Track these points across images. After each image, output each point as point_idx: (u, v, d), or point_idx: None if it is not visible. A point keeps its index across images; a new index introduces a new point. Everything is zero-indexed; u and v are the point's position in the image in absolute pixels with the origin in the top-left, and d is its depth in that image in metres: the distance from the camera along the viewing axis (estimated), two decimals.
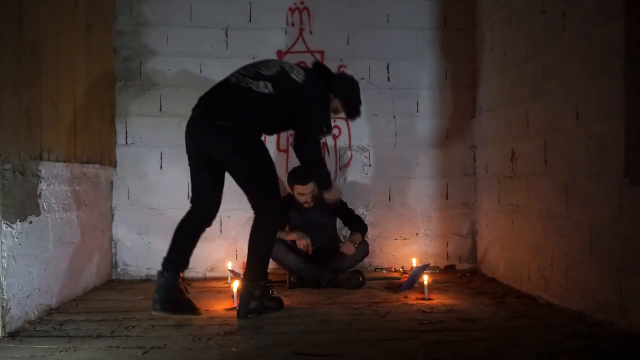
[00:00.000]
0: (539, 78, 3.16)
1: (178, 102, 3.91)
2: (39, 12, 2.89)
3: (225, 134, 2.76)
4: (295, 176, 3.68)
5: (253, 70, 2.89)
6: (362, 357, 2.19)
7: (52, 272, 2.99)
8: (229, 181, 4.05)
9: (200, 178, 2.91)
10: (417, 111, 4.23)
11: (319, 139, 2.93)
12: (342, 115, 3.27)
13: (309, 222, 3.73)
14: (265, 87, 2.82)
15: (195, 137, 2.83)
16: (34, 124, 2.82)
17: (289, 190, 3.72)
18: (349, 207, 3.87)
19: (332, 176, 4.15)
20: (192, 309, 2.81)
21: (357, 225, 3.76)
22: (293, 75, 2.90)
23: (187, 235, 2.91)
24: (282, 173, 4.13)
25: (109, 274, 3.96)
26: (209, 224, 2.97)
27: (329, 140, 4.17)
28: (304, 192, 3.64)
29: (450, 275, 4.05)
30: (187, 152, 2.89)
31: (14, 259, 2.59)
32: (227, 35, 4.09)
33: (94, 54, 3.62)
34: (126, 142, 4.06)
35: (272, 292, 3.38)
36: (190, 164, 2.91)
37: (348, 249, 3.60)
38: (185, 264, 2.89)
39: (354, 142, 4.20)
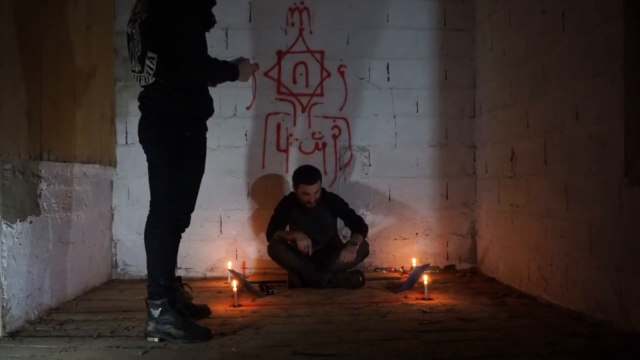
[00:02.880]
0: (539, 78, 3.16)
1: None
2: (39, 12, 2.89)
3: (146, 130, 2.55)
4: (302, 175, 3.69)
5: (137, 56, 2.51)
6: (362, 357, 2.19)
7: (52, 272, 2.99)
8: (226, 182, 4.11)
9: None
10: (417, 111, 4.23)
11: (193, 43, 2.41)
12: None
13: (310, 221, 3.72)
14: (151, 62, 2.42)
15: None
16: (34, 124, 2.82)
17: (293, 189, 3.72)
18: (349, 207, 3.87)
19: (332, 176, 4.16)
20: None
21: (358, 226, 3.76)
22: (141, 18, 2.44)
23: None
24: (282, 173, 4.15)
25: (109, 274, 3.97)
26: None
27: (329, 140, 4.18)
28: (309, 192, 3.64)
29: (450, 275, 4.05)
30: None
31: (14, 259, 2.59)
32: (227, 36, 4.09)
33: (94, 54, 3.62)
34: (126, 142, 4.06)
35: (272, 291, 3.39)
36: None
37: (347, 257, 3.57)
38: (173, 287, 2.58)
39: (354, 142, 4.20)
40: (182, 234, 2.58)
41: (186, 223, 2.55)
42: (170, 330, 2.40)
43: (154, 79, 2.45)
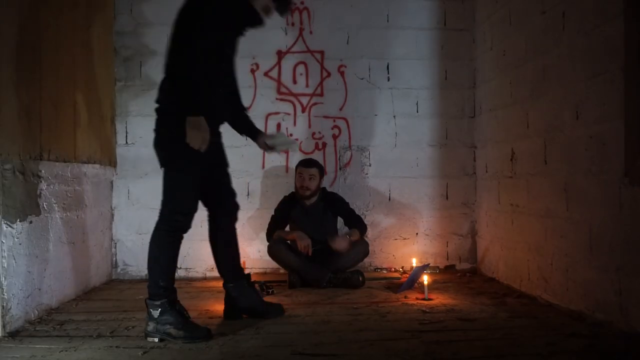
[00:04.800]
0: (539, 78, 3.16)
1: None
2: (39, 12, 2.89)
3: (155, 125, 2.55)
4: (301, 160, 3.80)
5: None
6: (362, 357, 2.19)
7: (52, 272, 2.99)
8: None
9: None
10: (417, 111, 4.23)
11: (196, 50, 2.39)
12: (275, 13, 2.73)
13: (310, 221, 3.72)
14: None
15: None
16: (34, 124, 2.82)
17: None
18: (350, 207, 3.87)
19: (332, 176, 4.16)
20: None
21: (357, 224, 3.76)
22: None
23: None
24: (282, 173, 4.15)
25: (109, 274, 3.97)
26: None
27: (329, 140, 4.18)
28: (303, 175, 3.69)
29: (450, 275, 4.05)
30: None
31: (14, 259, 2.59)
32: None
33: (94, 54, 3.62)
34: (126, 142, 4.06)
35: (272, 291, 3.38)
36: None
37: (339, 244, 3.54)
38: (223, 273, 2.82)
39: (354, 142, 4.20)
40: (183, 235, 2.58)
41: (185, 224, 2.55)
42: (170, 330, 2.40)
43: (164, 75, 2.54)
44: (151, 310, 2.44)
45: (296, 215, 3.76)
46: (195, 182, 2.56)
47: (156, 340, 2.40)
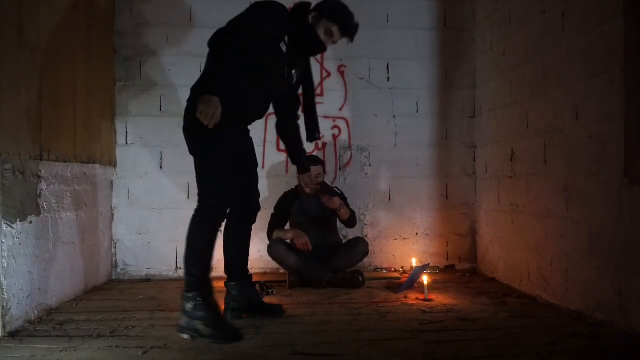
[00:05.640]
0: (539, 78, 3.16)
1: (178, 102, 3.90)
2: (39, 12, 2.89)
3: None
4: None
5: None
6: (362, 357, 2.19)
7: (52, 272, 2.99)
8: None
9: None
10: (417, 111, 4.23)
11: (238, 33, 2.52)
12: (338, 39, 2.82)
13: (311, 215, 3.72)
14: None
15: None
16: (34, 124, 2.82)
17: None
18: (348, 203, 3.86)
19: (332, 176, 4.16)
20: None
21: (351, 212, 3.72)
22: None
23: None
24: (281, 173, 4.15)
25: (109, 274, 3.96)
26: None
27: (329, 140, 4.18)
28: (310, 172, 3.64)
29: (450, 275, 4.06)
30: None
31: (14, 259, 2.59)
32: None
33: (94, 54, 3.62)
34: (126, 142, 4.06)
35: (272, 291, 3.38)
36: None
37: (329, 201, 3.51)
38: (229, 271, 2.84)
39: (354, 142, 4.20)
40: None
41: (217, 211, 2.52)
42: (199, 326, 2.39)
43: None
44: (185, 302, 2.42)
45: (296, 210, 3.75)
46: (223, 169, 2.52)
47: (186, 337, 2.39)
